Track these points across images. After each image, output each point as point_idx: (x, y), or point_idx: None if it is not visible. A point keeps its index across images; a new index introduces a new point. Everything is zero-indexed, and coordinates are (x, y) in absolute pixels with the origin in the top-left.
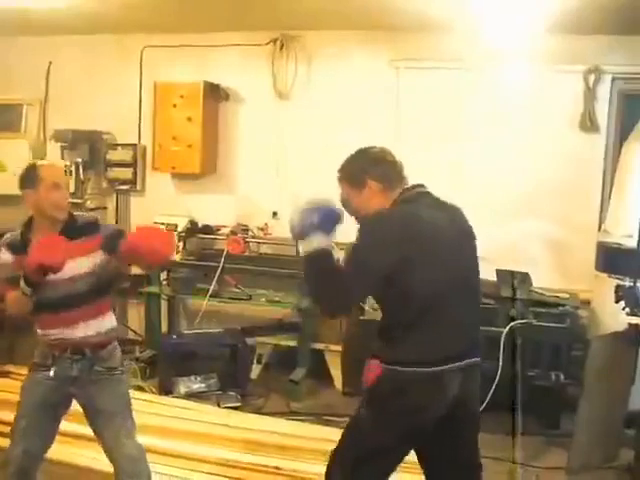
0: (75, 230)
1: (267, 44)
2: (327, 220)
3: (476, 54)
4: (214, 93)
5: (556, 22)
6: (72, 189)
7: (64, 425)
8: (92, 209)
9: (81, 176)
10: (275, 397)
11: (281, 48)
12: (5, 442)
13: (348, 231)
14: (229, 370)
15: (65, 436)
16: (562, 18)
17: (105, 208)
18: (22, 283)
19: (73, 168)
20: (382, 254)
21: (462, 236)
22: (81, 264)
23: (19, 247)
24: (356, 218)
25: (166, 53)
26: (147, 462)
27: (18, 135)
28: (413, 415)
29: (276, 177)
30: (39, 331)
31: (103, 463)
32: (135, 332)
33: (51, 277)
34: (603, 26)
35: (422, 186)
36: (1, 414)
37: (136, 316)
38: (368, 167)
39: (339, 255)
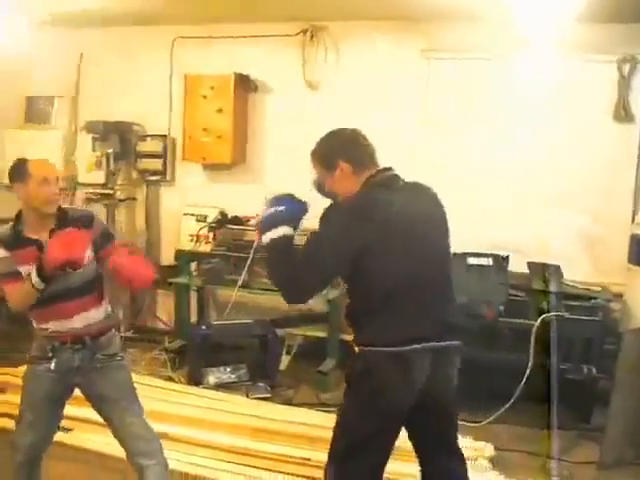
0: (67, 224)
1: (297, 35)
2: (291, 212)
3: (507, 44)
4: (244, 84)
5: (589, 10)
6: (103, 180)
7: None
8: (122, 200)
9: (112, 167)
10: (304, 388)
11: (311, 38)
12: None
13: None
14: (258, 361)
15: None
16: (595, 6)
17: (135, 199)
18: (35, 277)
19: (104, 159)
20: (340, 242)
21: (432, 220)
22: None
23: (12, 242)
24: (331, 200)
25: (196, 44)
26: (159, 443)
27: (50, 127)
28: (384, 395)
29: (305, 167)
30: (36, 324)
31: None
32: (165, 322)
33: None
34: (637, 14)
35: (391, 169)
36: None
37: (166, 307)
38: (340, 149)
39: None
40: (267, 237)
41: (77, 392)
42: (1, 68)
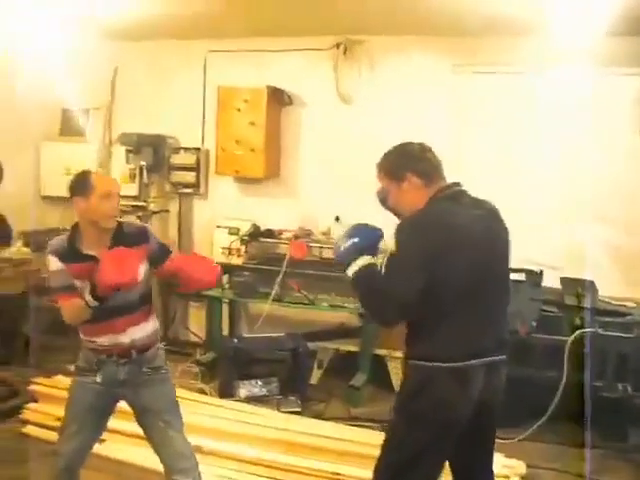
0: (124, 239)
1: (330, 49)
2: (368, 241)
3: (538, 58)
4: (277, 97)
5: (618, 24)
6: (136, 192)
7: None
8: (155, 212)
9: (145, 179)
10: (335, 402)
11: (344, 53)
12: None
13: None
14: (289, 374)
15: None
16: (624, 20)
17: (168, 211)
18: (88, 297)
19: (137, 171)
20: (421, 257)
21: (496, 236)
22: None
23: (67, 256)
24: (394, 213)
25: (230, 58)
26: (196, 459)
27: (85, 139)
28: (442, 410)
29: (338, 181)
30: (84, 337)
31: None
32: (196, 335)
33: None
34: None
35: (458, 184)
36: None
37: (198, 319)
38: (410, 161)
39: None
40: (351, 270)
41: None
42: (38, 80)
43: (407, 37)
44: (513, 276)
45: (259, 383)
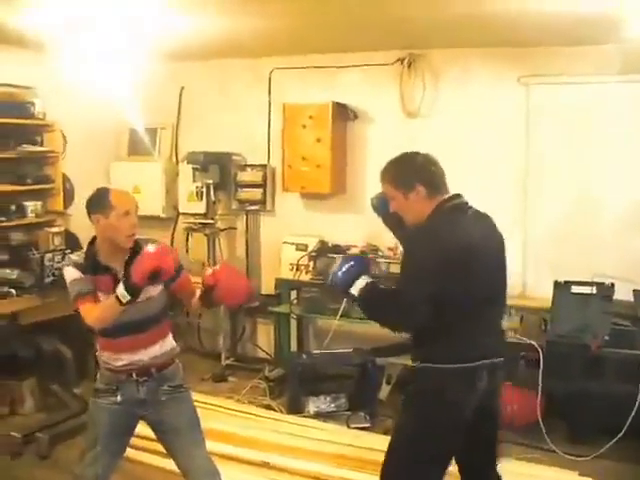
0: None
1: (394, 63)
2: (362, 264)
3: (607, 68)
4: (343, 113)
5: None
6: (203, 210)
7: None
8: (222, 229)
9: (212, 197)
10: None
11: (409, 67)
12: None
13: None
14: (358, 390)
15: None
16: None
17: (235, 228)
18: (121, 290)
19: (204, 189)
20: (432, 264)
21: (496, 245)
22: (153, 287)
23: (87, 268)
24: (386, 223)
25: (294, 75)
26: (220, 476)
27: (152, 158)
28: (454, 410)
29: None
30: (104, 358)
31: None
32: (265, 351)
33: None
34: None
35: (460, 196)
36: None
37: (266, 335)
38: (418, 171)
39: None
40: (355, 289)
41: None
42: (107, 102)
43: (471, 49)
44: (584, 289)
45: (327, 399)
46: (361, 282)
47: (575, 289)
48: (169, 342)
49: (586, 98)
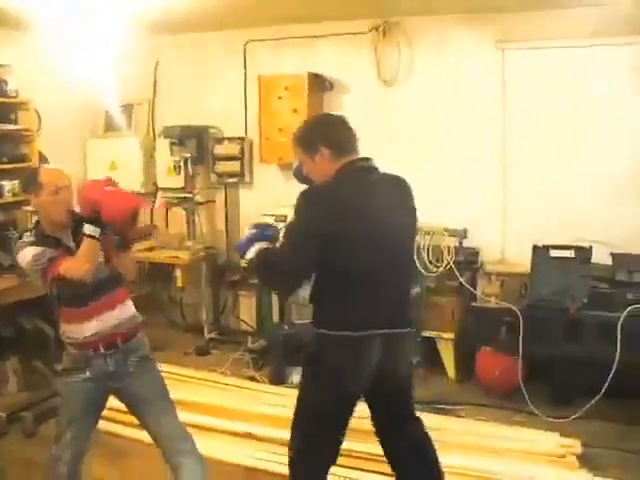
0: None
1: (369, 32)
2: (264, 233)
3: (584, 31)
4: (319, 83)
5: None
6: (182, 184)
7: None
8: (201, 203)
9: (190, 171)
10: None
11: (384, 35)
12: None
13: None
14: None
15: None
16: None
17: (214, 202)
18: (88, 227)
19: (182, 163)
20: (311, 225)
21: (400, 213)
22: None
23: (44, 242)
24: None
25: (268, 46)
26: (193, 440)
27: (129, 134)
28: (336, 377)
29: (382, 163)
30: (67, 333)
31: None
32: (247, 323)
33: None
34: None
35: (369, 160)
36: None
37: (248, 307)
38: (322, 133)
39: None
40: (249, 255)
41: None
42: (81, 78)
43: (446, 16)
44: (563, 253)
45: None
46: (256, 248)
47: (554, 253)
48: (129, 308)
49: (563, 62)
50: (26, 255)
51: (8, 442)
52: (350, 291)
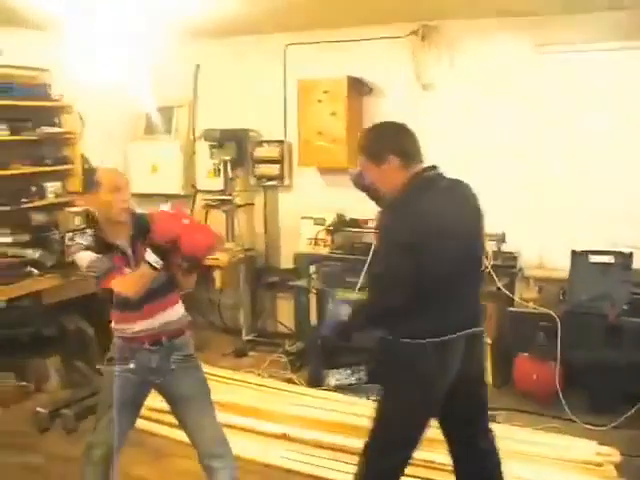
0: (144, 230)
1: (408, 36)
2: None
3: (625, 34)
4: (358, 87)
5: None
6: (221, 186)
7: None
8: (240, 205)
9: (229, 174)
10: None
11: (423, 39)
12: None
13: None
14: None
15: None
16: None
17: (253, 204)
18: (152, 257)
19: (222, 166)
20: (404, 245)
21: (472, 216)
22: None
23: (99, 249)
24: (369, 196)
25: (308, 50)
26: (229, 445)
27: (169, 137)
28: (429, 381)
29: None
30: (117, 327)
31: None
32: (285, 325)
33: None
34: None
35: (435, 168)
36: None
37: (286, 310)
38: (390, 141)
39: None
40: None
41: None
42: (123, 82)
43: (485, 20)
44: (603, 259)
45: (347, 371)
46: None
47: (593, 258)
48: (178, 310)
49: (601, 65)
50: (82, 260)
51: (49, 438)
52: (436, 297)
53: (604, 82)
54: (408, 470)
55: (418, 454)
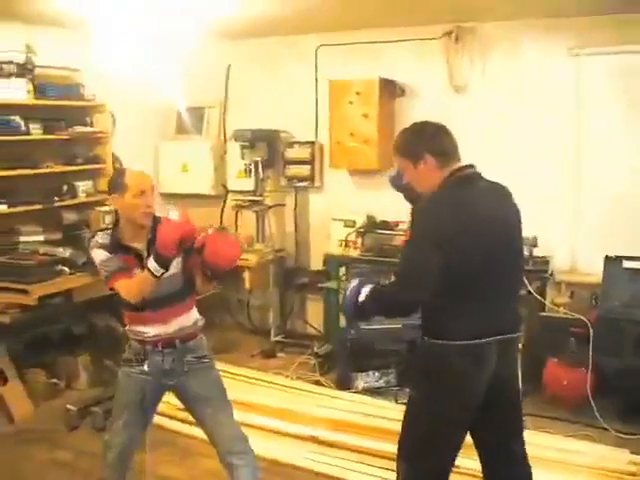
0: None
1: (441, 37)
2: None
3: None
4: (389, 89)
5: None
6: (252, 187)
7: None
8: (271, 206)
9: (260, 174)
10: None
11: (456, 41)
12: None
13: None
14: (407, 366)
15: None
16: None
17: (284, 205)
18: (153, 264)
19: (252, 167)
20: (435, 238)
21: (509, 219)
22: (175, 263)
23: (113, 249)
24: (405, 197)
25: (340, 51)
26: (249, 442)
27: (200, 137)
28: (458, 386)
29: None
30: (131, 329)
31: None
32: (314, 327)
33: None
34: None
35: (473, 167)
36: None
37: (315, 311)
38: (427, 141)
39: None
40: (362, 297)
41: None
42: (154, 82)
43: (519, 21)
44: (636, 264)
45: (376, 374)
46: (363, 292)
47: (627, 264)
48: (193, 315)
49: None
50: (96, 256)
51: (79, 436)
52: (470, 298)
53: None
54: None
55: None
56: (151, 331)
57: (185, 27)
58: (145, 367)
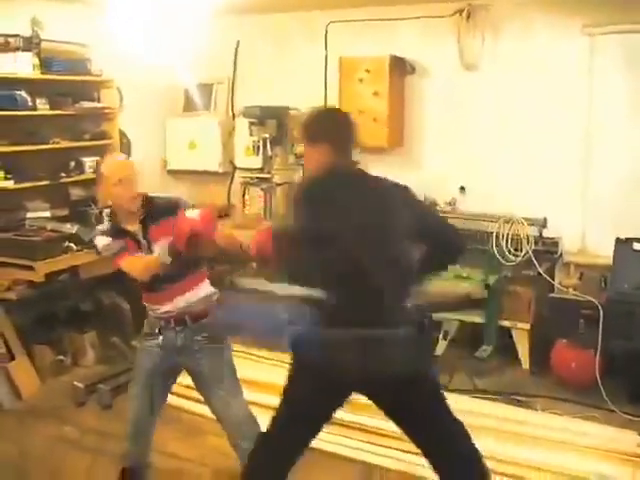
0: (156, 214)
1: (452, 15)
2: None
3: None
4: (400, 66)
5: None
6: (260, 164)
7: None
8: (279, 184)
9: (269, 151)
10: (460, 374)
11: (467, 19)
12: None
13: None
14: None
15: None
16: None
17: (292, 183)
18: (164, 254)
19: (261, 144)
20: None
21: (382, 216)
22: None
23: (113, 233)
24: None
25: (351, 28)
26: (258, 424)
27: (208, 113)
28: (314, 374)
29: (463, 150)
30: (147, 305)
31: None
32: None
33: None
34: None
35: (356, 163)
36: None
37: None
38: (328, 129)
39: None
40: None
41: None
42: (162, 57)
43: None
44: None
45: None
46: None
47: (637, 246)
48: (202, 290)
49: None
50: (99, 243)
51: (85, 413)
52: (326, 289)
53: None
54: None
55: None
56: (161, 308)
57: (194, 2)
58: (160, 341)
